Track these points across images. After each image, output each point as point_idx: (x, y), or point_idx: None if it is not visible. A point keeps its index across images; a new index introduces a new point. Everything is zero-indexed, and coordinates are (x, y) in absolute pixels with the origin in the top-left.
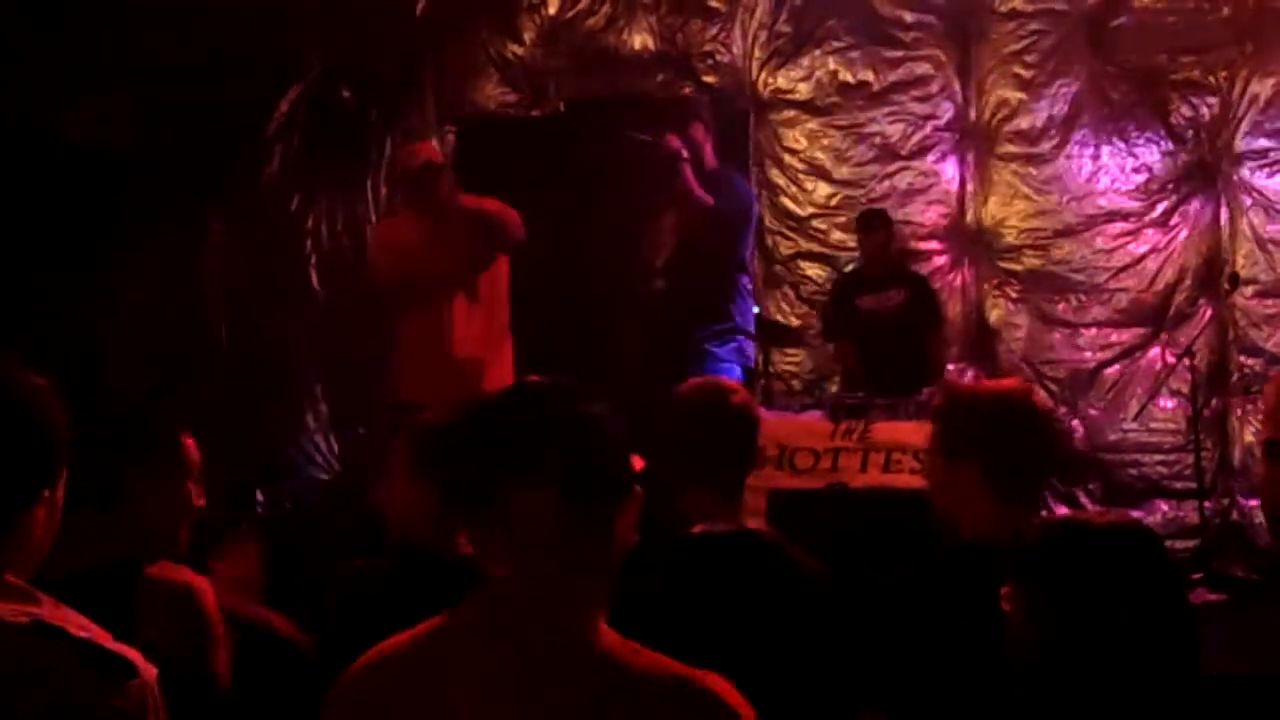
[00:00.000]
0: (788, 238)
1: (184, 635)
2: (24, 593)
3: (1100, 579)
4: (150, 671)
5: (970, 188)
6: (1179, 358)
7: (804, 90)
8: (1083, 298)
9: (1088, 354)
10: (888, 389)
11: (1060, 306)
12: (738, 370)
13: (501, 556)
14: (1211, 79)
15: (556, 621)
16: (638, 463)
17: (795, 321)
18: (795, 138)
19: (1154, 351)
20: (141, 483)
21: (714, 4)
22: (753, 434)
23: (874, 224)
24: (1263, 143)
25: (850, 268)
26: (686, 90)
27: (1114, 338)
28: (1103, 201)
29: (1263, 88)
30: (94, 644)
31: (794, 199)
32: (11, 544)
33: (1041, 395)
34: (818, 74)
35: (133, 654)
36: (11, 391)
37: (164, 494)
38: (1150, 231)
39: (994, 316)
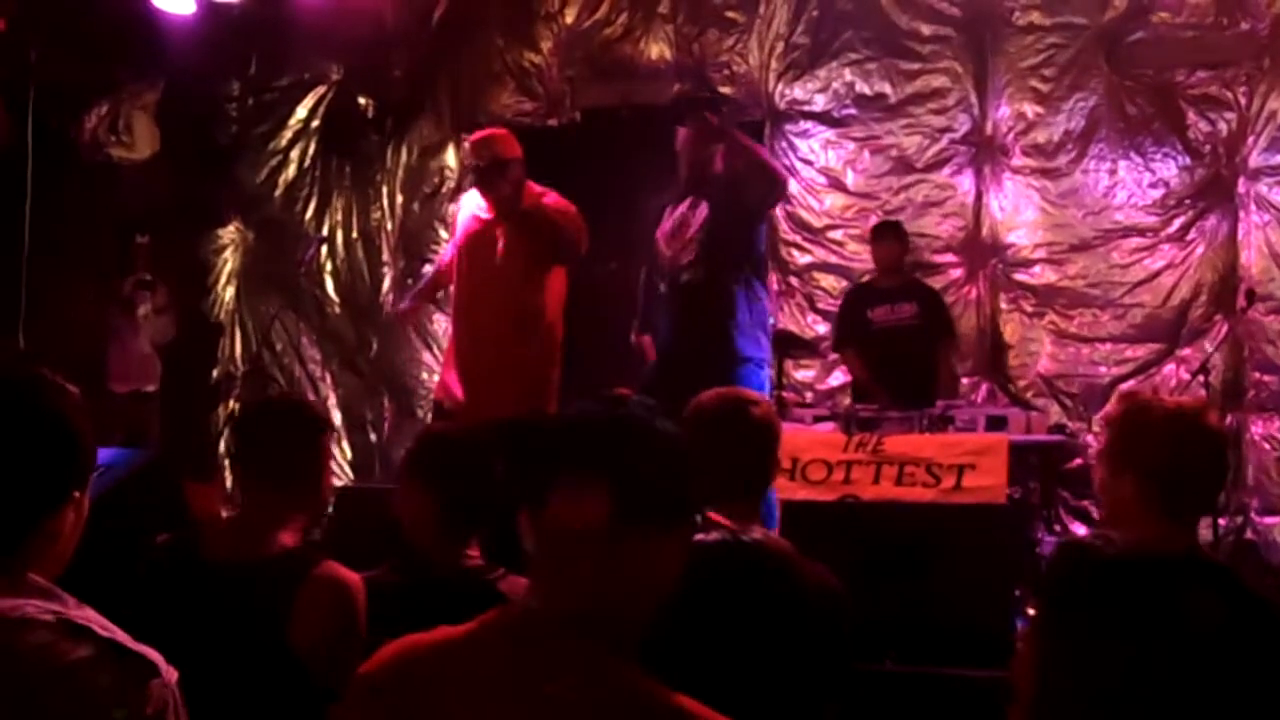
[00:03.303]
0: (803, 249)
1: (336, 633)
2: (49, 591)
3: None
4: (171, 673)
5: (986, 201)
6: (1194, 374)
7: (820, 102)
8: (1098, 312)
9: (1102, 369)
10: (896, 401)
11: (1075, 321)
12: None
13: (538, 573)
14: (1229, 94)
15: (585, 655)
16: None
17: (809, 333)
18: (811, 149)
19: (1169, 367)
20: (315, 465)
21: (731, 14)
22: (773, 447)
23: (886, 235)
24: None
25: (865, 279)
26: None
27: (1129, 353)
28: (1119, 216)
29: None
30: (118, 643)
31: (809, 210)
32: (39, 544)
33: (1215, 415)
34: (834, 85)
35: (154, 655)
36: (42, 397)
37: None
38: (1166, 247)
39: (1008, 330)
